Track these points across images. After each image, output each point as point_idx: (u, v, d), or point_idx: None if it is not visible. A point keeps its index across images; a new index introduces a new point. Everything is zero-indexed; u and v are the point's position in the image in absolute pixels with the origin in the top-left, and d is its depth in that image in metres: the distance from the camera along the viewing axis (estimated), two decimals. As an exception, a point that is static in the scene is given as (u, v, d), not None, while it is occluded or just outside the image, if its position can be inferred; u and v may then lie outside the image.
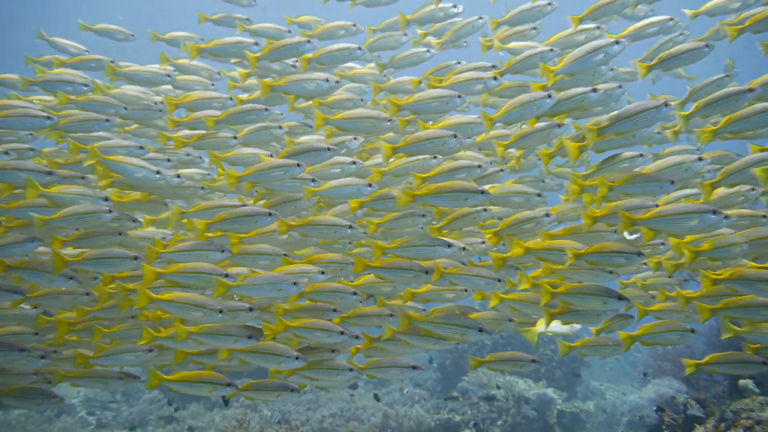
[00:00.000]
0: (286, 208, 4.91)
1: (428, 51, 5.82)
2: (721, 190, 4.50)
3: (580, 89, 4.51)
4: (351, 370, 4.56)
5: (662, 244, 4.83)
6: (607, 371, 13.56)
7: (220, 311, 4.19)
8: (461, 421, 9.45)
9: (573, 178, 4.49)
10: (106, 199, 4.59)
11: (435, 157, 4.74)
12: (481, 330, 4.50)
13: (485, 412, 9.60)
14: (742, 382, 6.90)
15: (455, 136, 4.60)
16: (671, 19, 5.02)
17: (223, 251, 4.48)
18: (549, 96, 4.51)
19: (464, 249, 4.58)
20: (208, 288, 4.38)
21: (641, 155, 4.54)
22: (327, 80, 5.17)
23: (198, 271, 4.29)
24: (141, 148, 4.99)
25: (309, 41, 5.31)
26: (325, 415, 9.81)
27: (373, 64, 6.01)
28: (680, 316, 4.67)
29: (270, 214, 4.56)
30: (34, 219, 4.41)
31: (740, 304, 4.17)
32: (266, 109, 5.12)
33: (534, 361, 4.86)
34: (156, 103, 5.47)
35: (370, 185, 4.69)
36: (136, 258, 4.47)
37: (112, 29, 6.38)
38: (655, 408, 7.38)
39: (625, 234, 4.49)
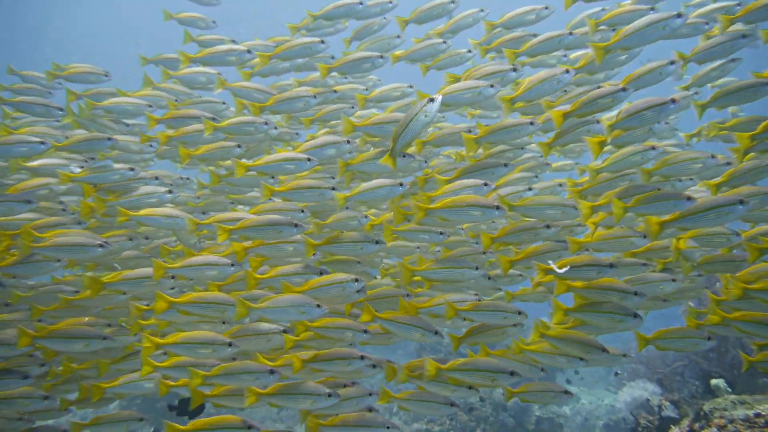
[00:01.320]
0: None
1: (444, 43, 5.59)
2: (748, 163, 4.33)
3: (610, 88, 4.33)
4: (371, 394, 4.24)
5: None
6: (582, 376, 13.70)
7: (230, 344, 4.02)
8: (441, 432, 9.46)
9: (581, 201, 4.44)
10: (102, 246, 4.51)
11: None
12: (512, 374, 4.25)
13: (464, 422, 9.62)
14: (714, 381, 7.06)
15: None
16: (706, 23, 4.79)
17: (233, 265, 4.35)
18: (567, 71, 4.44)
19: (489, 278, 4.51)
20: (224, 318, 4.26)
21: (653, 147, 4.46)
22: (315, 97, 5.15)
23: (213, 301, 4.14)
24: (132, 169, 4.91)
25: (323, 41, 5.30)
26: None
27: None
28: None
29: (296, 225, 4.41)
30: (20, 247, 4.32)
31: (756, 320, 4.08)
32: (266, 123, 5.07)
33: (566, 392, 4.60)
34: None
35: (401, 184, 4.57)
36: (173, 277, 4.38)
37: (84, 71, 6.01)
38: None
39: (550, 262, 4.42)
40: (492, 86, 4.58)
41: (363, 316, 4.36)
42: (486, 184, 4.59)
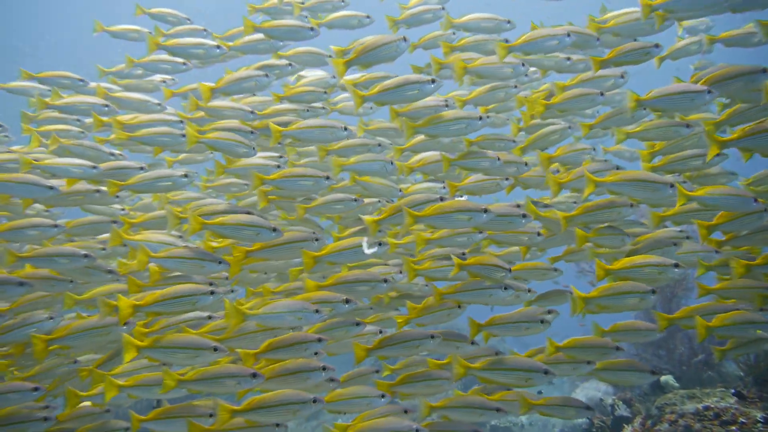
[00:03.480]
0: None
1: (443, 9, 5.49)
2: None
3: (646, 43, 4.47)
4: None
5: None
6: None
7: (215, 349, 3.78)
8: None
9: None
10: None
11: None
12: (546, 372, 4.13)
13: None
14: (663, 378, 7.20)
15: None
16: None
17: (220, 263, 4.12)
18: (569, 35, 4.54)
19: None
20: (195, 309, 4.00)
21: (687, 125, 4.58)
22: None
23: (182, 294, 3.88)
24: (94, 167, 4.73)
25: (312, 29, 5.28)
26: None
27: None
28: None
29: (274, 230, 4.19)
30: (2, 256, 4.19)
31: (733, 321, 4.10)
32: (267, 75, 5.09)
33: (588, 408, 4.38)
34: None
35: (392, 162, 4.63)
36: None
37: (58, 75, 5.74)
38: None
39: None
40: (523, 65, 4.78)
41: (356, 356, 4.19)
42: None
